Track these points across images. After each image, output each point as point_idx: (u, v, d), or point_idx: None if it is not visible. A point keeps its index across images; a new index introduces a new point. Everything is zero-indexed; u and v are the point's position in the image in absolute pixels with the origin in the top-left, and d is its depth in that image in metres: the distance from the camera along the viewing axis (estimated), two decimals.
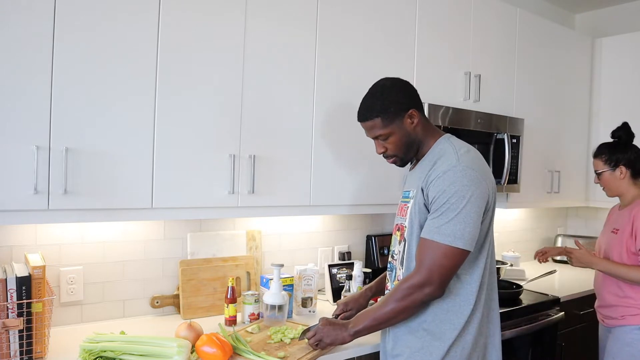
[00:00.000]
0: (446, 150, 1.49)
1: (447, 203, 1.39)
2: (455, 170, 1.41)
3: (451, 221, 1.38)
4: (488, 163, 2.57)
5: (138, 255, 1.99)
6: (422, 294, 1.41)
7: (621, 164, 2.17)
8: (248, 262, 2.21)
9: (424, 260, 1.41)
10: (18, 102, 1.42)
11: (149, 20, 1.63)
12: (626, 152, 2.18)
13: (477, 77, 2.57)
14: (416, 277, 1.41)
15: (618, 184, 2.20)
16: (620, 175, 2.18)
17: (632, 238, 2.06)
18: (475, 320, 1.47)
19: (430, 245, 1.40)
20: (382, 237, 2.62)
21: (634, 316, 2.05)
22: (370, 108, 1.53)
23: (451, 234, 1.38)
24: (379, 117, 1.51)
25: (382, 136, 1.54)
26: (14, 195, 1.43)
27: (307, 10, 1.99)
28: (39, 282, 1.50)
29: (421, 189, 1.47)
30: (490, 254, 1.53)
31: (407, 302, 1.42)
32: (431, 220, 1.42)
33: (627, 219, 2.11)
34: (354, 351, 1.75)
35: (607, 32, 3.62)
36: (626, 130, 2.23)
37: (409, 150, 1.56)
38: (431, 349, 1.46)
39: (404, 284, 1.44)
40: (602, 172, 2.22)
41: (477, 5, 2.59)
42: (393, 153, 1.56)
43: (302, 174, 2.00)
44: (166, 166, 1.68)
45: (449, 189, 1.39)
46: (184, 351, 1.47)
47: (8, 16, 1.40)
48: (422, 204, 1.47)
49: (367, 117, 1.54)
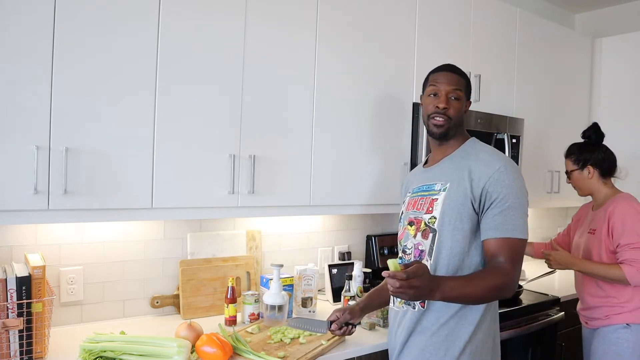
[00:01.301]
0: (482, 149, 1.57)
1: (517, 199, 1.44)
2: (512, 167, 1.49)
3: (521, 217, 1.45)
4: None
5: (138, 255, 1.99)
6: (512, 290, 1.44)
7: (589, 163, 2.20)
8: (248, 262, 2.21)
9: (511, 257, 1.43)
10: (18, 102, 1.42)
11: (149, 20, 1.63)
12: (594, 152, 2.21)
13: (477, 77, 2.57)
14: (511, 273, 1.43)
15: (587, 184, 2.23)
16: (589, 175, 2.21)
17: (609, 237, 2.08)
18: (487, 319, 1.49)
19: (514, 242, 1.44)
20: (382, 237, 2.61)
21: (618, 315, 2.06)
22: (461, 70, 1.63)
23: (524, 229, 1.45)
24: (465, 81, 1.62)
25: (456, 94, 1.58)
26: (14, 195, 1.43)
27: (307, 10, 1.99)
28: (39, 282, 1.50)
29: (470, 183, 1.47)
30: None
31: (497, 293, 1.43)
32: (505, 218, 1.44)
33: (602, 219, 2.13)
34: (354, 351, 1.75)
35: (607, 32, 3.62)
36: (596, 130, 2.25)
37: (459, 124, 1.60)
38: (446, 346, 1.46)
39: (500, 275, 1.42)
40: (572, 172, 2.26)
41: (477, 5, 2.59)
42: (452, 115, 1.56)
43: (302, 174, 2.00)
44: (166, 166, 1.68)
45: (514, 184, 1.45)
46: (184, 351, 1.47)
47: (8, 16, 1.40)
48: (465, 197, 1.47)
49: (458, 72, 1.61)
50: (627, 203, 2.11)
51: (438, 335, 1.47)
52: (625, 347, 2.04)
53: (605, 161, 2.21)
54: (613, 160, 2.24)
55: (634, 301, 2.05)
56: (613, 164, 2.24)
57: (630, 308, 2.05)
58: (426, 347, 1.48)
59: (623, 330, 2.05)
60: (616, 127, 3.28)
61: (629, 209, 2.08)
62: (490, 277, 1.43)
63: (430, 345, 1.47)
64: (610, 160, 2.23)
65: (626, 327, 2.05)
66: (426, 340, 1.48)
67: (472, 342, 1.46)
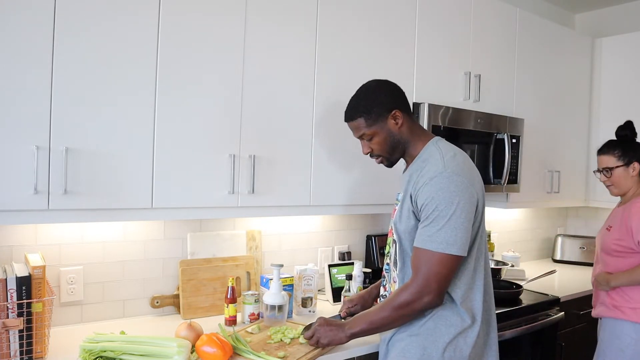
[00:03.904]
0: (433, 155, 1.50)
1: (436, 210, 1.40)
2: (441, 176, 1.42)
3: (442, 228, 1.39)
4: (488, 163, 2.58)
5: (138, 255, 1.99)
6: (421, 303, 1.42)
7: (635, 160, 2.20)
8: (248, 262, 2.21)
9: (420, 269, 1.42)
10: (18, 102, 1.42)
11: (149, 20, 1.63)
12: (637, 149, 2.22)
13: (477, 77, 2.57)
14: (414, 286, 1.42)
15: (629, 181, 2.22)
16: (633, 172, 2.21)
17: (629, 234, 2.09)
18: (477, 322, 1.47)
19: (424, 254, 1.41)
20: (382, 237, 2.62)
21: (633, 310, 2.08)
22: (354, 108, 1.57)
23: (443, 241, 1.39)
24: (362, 117, 1.55)
25: (366, 136, 1.57)
26: (14, 195, 1.43)
27: (307, 10, 1.99)
28: (39, 282, 1.50)
29: (410, 195, 1.48)
30: (483, 257, 1.53)
31: (405, 310, 1.44)
32: (422, 229, 1.43)
33: (620, 215, 2.17)
34: (354, 351, 1.75)
35: (607, 32, 3.62)
36: (631, 128, 2.26)
37: (394, 150, 1.57)
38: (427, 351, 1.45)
39: (403, 292, 1.44)
40: (616, 168, 2.22)
41: (477, 5, 2.59)
42: (378, 153, 1.58)
43: (302, 174, 2.00)
44: (166, 166, 1.68)
45: (437, 195, 1.40)
46: (184, 351, 1.47)
47: (8, 16, 1.40)
48: (409, 209, 1.49)
49: (352, 117, 1.58)
50: None
51: (418, 335, 1.47)
52: (627, 342, 2.07)
53: None
54: None
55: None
56: None
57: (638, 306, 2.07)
58: (407, 346, 1.49)
59: (629, 326, 2.07)
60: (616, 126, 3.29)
61: None
62: (394, 296, 1.46)
63: (410, 345, 1.48)
64: None
65: (633, 324, 2.07)
66: (406, 339, 1.49)
67: (453, 343, 1.44)
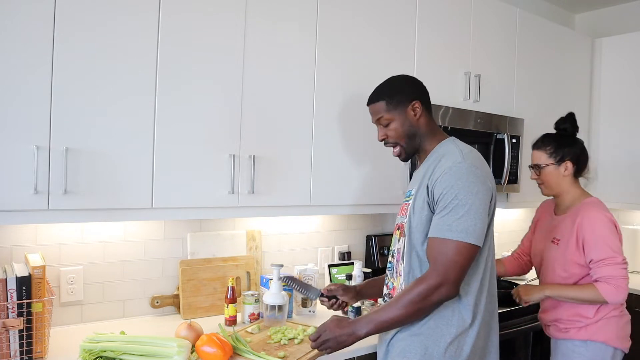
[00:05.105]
0: (450, 150, 1.51)
1: (456, 199, 1.38)
2: (460, 166, 1.42)
3: (462, 217, 1.37)
4: (488, 163, 2.58)
5: (138, 255, 1.99)
6: (438, 294, 1.38)
7: (567, 158, 1.96)
8: (248, 262, 2.21)
9: (437, 260, 1.39)
10: (18, 102, 1.42)
11: (149, 20, 1.63)
12: (573, 145, 1.98)
13: (477, 77, 2.57)
14: (433, 277, 1.38)
15: (560, 182, 1.99)
16: (565, 171, 1.97)
17: (579, 250, 1.88)
18: (476, 322, 1.46)
19: (442, 243, 1.39)
20: (382, 237, 2.62)
21: (579, 329, 1.90)
22: (378, 92, 1.60)
23: (463, 230, 1.36)
24: (384, 101, 1.57)
25: (383, 120, 1.57)
26: (14, 195, 1.43)
27: (307, 10, 1.99)
28: (39, 282, 1.50)
29: (426, 187, 1.47)
30: (491, 257, 1.53)
31: (423, 303, 1.39)
32: (440, 219, 1.40)
33: (569, 228, 1.92)
34: (354, 351, 1.75)
35: (607, 32, 3.62)
36: (572, 121, 2.02)
37: (411, 141, 1.57)
38: (429, 351, 1.45)
39: (419, 285, 1.40)
40: (545, 166, 1.99)
41: (477, 5, 2.59)
42: (394, 140, 1.58)
43: (302, 174, 2.00)
44: (166, 166, 1.68)
45: (457, 184, 1.39)
46: (184, 351, 1.47)
47: (8, 16, 1.40)
48: (424, 201, 1.47)
49: (374, 100, 1.60)
50: (597, 211, 1.88)
51: (419, 335, 1.46)
52: None
53: (582, 157, 1.98)
54: (588, 158, 2.02)
55: (596, 318, 1.88)
56: (587, 162, 2.02)
57: (591, 323, 1.89)
58: (407, 346, 1.48)
59: (581, 345, 1.90)
60: (616, 127, 3.29)
61: (600, 218, 1.86)
62: (409, 290, 1.42)
63: (411, 345, 1.47)
64: (586, 157, 2.01)
65: (584, 343, 1.89)
66: (407, 339, 1.48)
67: (454, 343, 1.43)
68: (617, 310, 1.92)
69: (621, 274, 1.80)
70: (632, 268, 3.22)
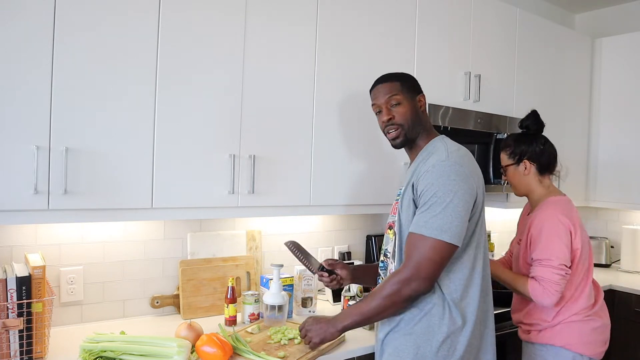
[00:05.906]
0: (437, 148, 1.54)
1: (434, 197, 1.40)
2: (444, 164, 1.44)
3: (438, 215, 1.39)
4: (488, 163, 2.58)
5: (138, 255, 1.99)
6: (409, 289, 1.41)
7: (525, 157, 1.91)
8: (248, 262, 2.21)
9: (411, 255, 1.42)
10: (18, 102, 1.42)
11: (149, 20, 1.63)
12: (531, 144, 1.92)
13: (477, 77, 2.57)
14: (404, 272, 1.42)
15: (524, 181, 1.94)
16: (525, 170, 1.92)
17: (528, 248, 1.84)
18: (469, 322, 1.46)
19: (417, 239, 1.42)
20: (382, 237, 2.61)
21: (539, 332, 1.85)
22: (392, 74, 1.64)
23: (438, 227, 1.38)
24: (399, 82, 1.60)
25: (394, 99, 1.58)
26: (14, 195, 1.43)
27: (307, 10, 1.99)
28: (39, 282, 1.50)
29: (412, 184, 1.49)
30: (482, 255, 1.52)
31: (395, 297, 1.43)
32: (419, 215, 1.44)
33: (526, 228, 1.88)
34: (354, 351, 1.75)
35: (607, 32, 3.62)
36: (535, 118, 1.96)
37: (414, 127, 1.58)
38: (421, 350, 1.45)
39: (391, 278, 1.45)
40: (507, 167, 1.97)
41: (477, 5, 2.59)
42: (399, 122, 1.57)
43: (302, 174, 2.00)
44: (166, 166, 1.68)
45: (437, 182, 1.41)
46: (184, 351, 1.47)
47: (8, 15, 1.40)
48: (410, 199, 1.49)
49: (388, 79, 1.61)
50: (551, 210, 1.82)
51: (411, 334, 1.46)
52: None
53: (544, 155, 1.92)
54: (552, 155, 1.94)
55: (554, 322, 1.82)
56: (552, 159, 1.94)
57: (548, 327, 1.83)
58: (400, 345, 1.48)
59: (541, 349, 1.85)
60: (616, 127, 3.30)
61: (550, 218, 1.79)
62: (384, 284, 1.46)
63: (403, 344, 1.47)
64: (549, 154, 1.93)
65: (544, 347, 1.84)
66: (399, 339, 1.49)
67: (447, 342, 1.43)
68: (580, 315, 1.81)
69: (553, 278, 1.72)
70: (632, 268, 3.23)
